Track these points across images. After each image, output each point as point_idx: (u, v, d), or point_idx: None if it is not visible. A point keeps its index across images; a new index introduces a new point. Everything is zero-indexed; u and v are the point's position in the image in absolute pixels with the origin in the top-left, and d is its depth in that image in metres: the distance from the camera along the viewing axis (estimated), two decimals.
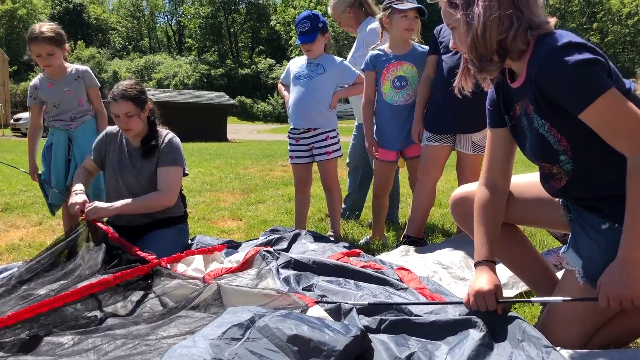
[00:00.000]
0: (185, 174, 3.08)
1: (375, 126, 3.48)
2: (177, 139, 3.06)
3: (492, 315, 1.66)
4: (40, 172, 3.44)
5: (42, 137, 3.51)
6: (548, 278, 2.02)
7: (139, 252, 2.54)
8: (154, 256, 2.48)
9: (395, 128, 3.40)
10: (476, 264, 1.81)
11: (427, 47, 3.35)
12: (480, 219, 1.86)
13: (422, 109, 3.27)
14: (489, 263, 1.78)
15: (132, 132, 2.96)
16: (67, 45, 3.29)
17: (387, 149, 3.45)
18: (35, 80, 3.41)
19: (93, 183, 3.28)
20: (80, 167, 3.14)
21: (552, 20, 1.63)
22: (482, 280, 1.71)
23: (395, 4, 3.22)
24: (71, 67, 3.36)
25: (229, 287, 2.08)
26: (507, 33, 1.58)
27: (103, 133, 3.14)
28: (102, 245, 2.56)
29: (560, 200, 1.87)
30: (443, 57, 3.15)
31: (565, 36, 1.54)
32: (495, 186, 1.87)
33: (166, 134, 3.05)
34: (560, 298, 1.67)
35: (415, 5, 3.22)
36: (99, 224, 2.71)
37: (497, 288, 1.69)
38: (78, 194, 2.89)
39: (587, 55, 1.48)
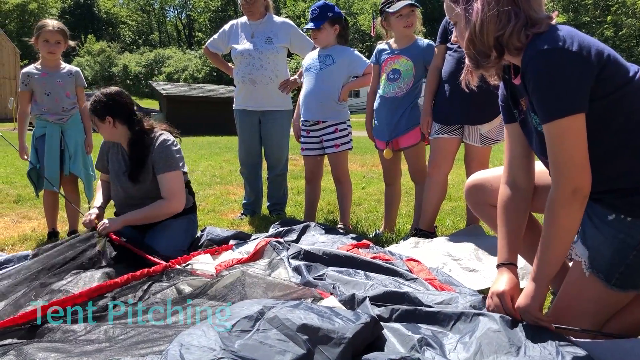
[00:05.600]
0: (183, 172, 3.01)
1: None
2: (167, 141, 2.93)
3: None
4: (29, 159, 3.55)
5: (29, 129, 3.62)
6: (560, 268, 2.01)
7: (149, 257, 2.56)
8: (163, 263, 2.46)
9: (384, 119, 3.44)
10: (497, 266, 1.81)
11: (427, 41, 3.40)
12: (502, 221, 1.84)
13: (431, 99, 3.25)
14: (510, 266, 1.78)
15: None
16: (70, 42, 3.58)
17: (378, 138, 3.52)
18: (28, 68, 3.56)
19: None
20: (100, 181, 3.25)
21: (554, 15, 1.61)
22: (502, 283, 1.71)
23: (387, 8, 3.29)
24: (65, 65, 3.64)
25: (250, 275, 2.07)
26: (505, 29, 1.56)
27: (102, 143, 3.13)
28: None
29: None
30: (451, 46, 3.13)
31: (558, 38, 1.51)
32: (515, 183, 1.84)
33: (156, 138, 2.94)
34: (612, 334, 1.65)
35: (405, 2, 3.24)
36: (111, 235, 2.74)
37: (515, 290, 1.69)
38: (92, 209, 2.99)
39: (566, 66, 1.47)
